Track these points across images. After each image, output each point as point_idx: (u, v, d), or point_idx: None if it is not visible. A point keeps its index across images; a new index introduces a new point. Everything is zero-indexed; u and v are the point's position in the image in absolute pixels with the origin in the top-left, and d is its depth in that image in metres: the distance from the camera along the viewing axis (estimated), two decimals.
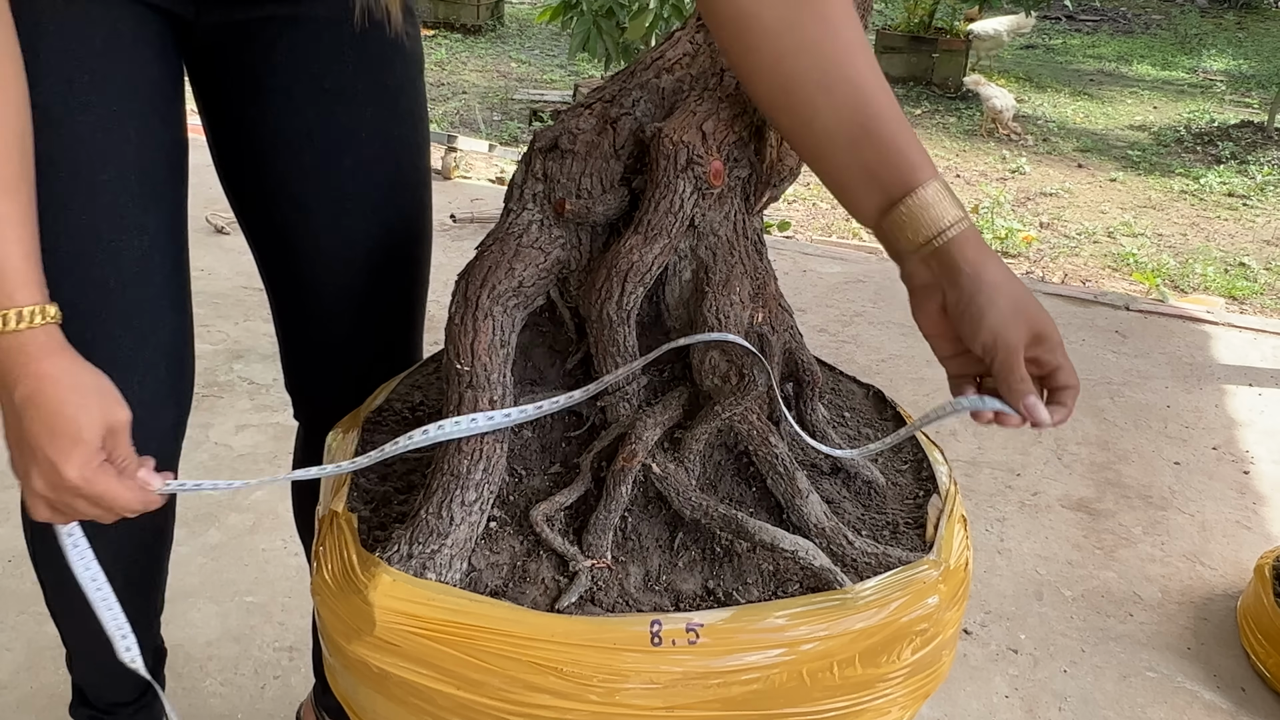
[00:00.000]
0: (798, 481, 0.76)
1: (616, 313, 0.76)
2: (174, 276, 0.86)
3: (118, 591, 1.07)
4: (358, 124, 0.91)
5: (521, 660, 0.64)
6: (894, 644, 0.71)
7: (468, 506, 0.71)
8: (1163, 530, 1.97)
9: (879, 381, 2.44)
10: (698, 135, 0.75)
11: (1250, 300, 3.70)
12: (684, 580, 0.74)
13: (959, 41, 6.63)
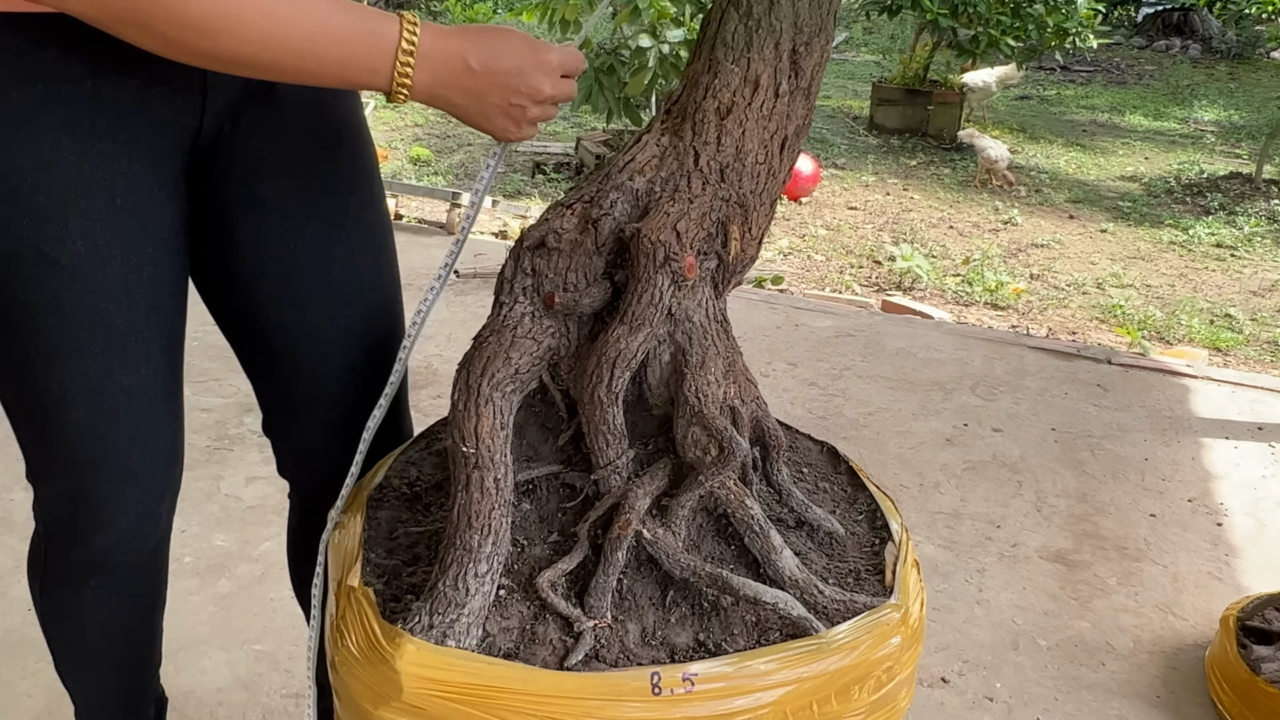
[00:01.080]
0: (772, 539, 0.85)
1: (606, 394, 0.85)
2: (173, 389, 0.96)
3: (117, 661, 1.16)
4: (344, 220, 1.00)
5: (537, 715, 0.73)
6: (862, 681, 0.80)
7: (480, 578, 0.80)
8: (1137, 581, 2.04)
9: (866, 435, 2.53)
10: (672, 234, 0.85)
11: (1234, 351, 3.79)
12: (677, 634, 0.82)
13: (953, 94, 6.79)
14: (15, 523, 1.99)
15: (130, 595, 1.10)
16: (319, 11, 0.75)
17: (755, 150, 0.94)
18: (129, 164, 0.85)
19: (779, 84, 0.93)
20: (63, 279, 0.83)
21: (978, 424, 2.58)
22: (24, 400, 0.91)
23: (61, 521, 0.99)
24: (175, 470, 1.01)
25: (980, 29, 6.08)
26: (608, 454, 0.87)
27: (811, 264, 4.42)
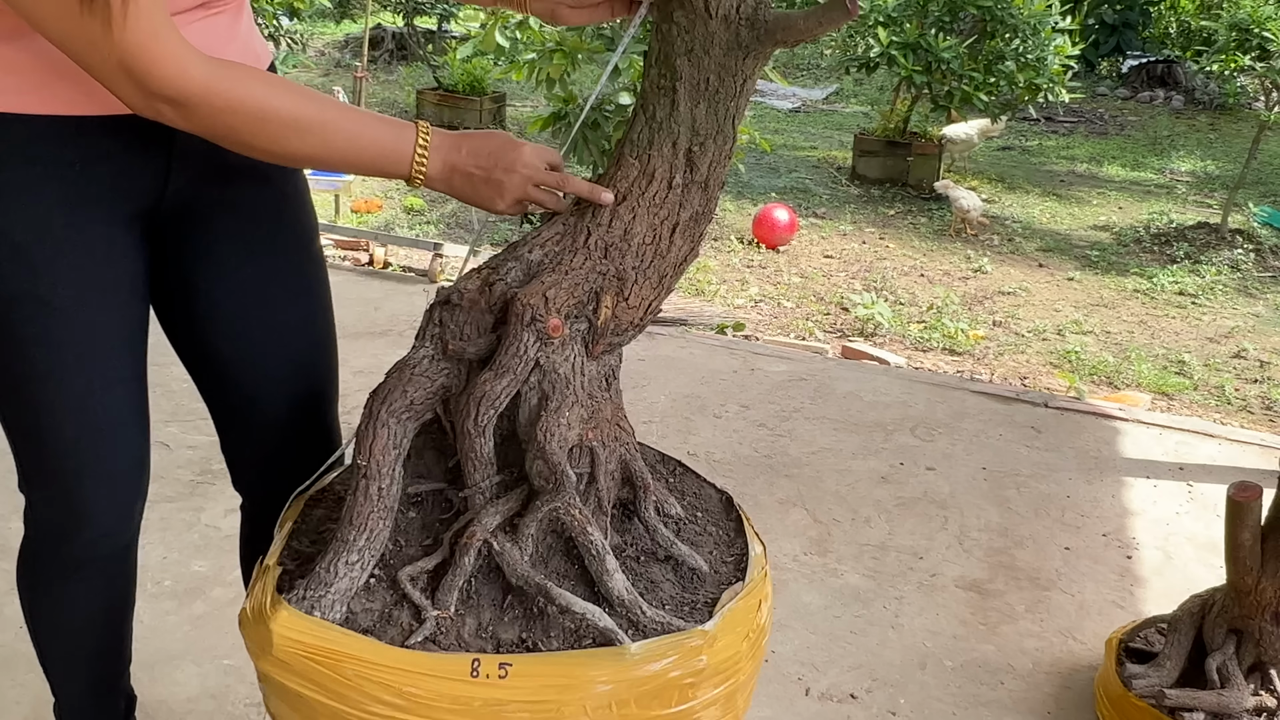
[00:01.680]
0: (606, 563, 1.03)
1: (474, 428, 1.04)
2: (142, 407, 1.18)
3: (95, 650, 1.36)
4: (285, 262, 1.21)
5: (375, 681, 0.92)
6: (661, 694, 0.95)
7: (350, 565, 1.00)
8: (1044, 609, 2.20)
9: (807, 473, 2.71)
10: (541, 299, 1.04)
11: (1180, 396, 3.96)
12: (506, 631, 1.00)
13: (933, 146, 7.02)
14: (11, 549, 2.17)
15: (105, 590, 1.29)
16: (359, 123, 1.00)
17: (643, 233, 1.10)
18: (107, 227, 1.08)
19: (673, 177, 1.09)
20: (54, 317, 1.05)
21: (913, 463, 2.76)
22: (20, 417, 1.12)
23: (50, 522, 1.20)
24: (145, 476, 1.22)
25: (954, 85, 6.31)
26: (475, 477, 1.05)
27: (781, 310, 4.61)
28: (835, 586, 2.23)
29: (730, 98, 1.08)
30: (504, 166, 1.04)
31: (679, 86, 1.07)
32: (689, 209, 1.11)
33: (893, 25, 6.35)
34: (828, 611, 2.15)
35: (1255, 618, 1.73)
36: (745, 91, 1.10)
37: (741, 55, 1.05)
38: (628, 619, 1.01)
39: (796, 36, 1.04)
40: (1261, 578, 1.70)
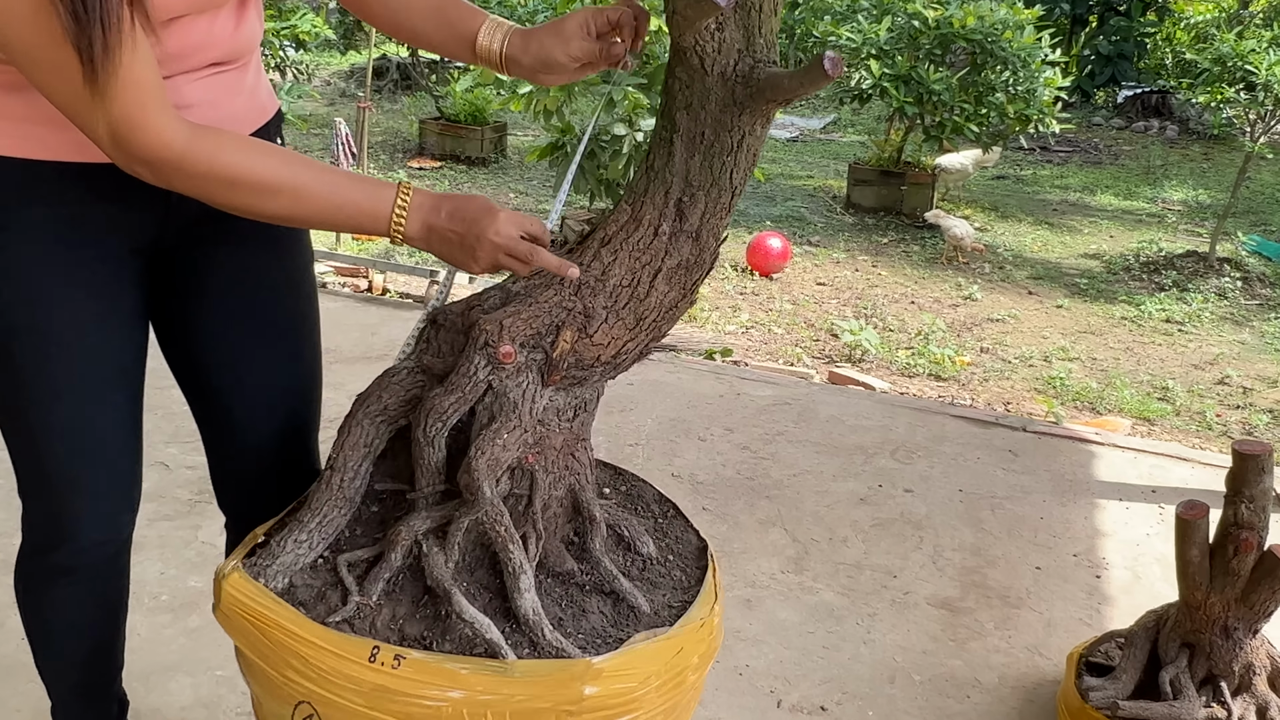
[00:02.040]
0: (521, 581, 1.10)
1: (424, 437, 1.13)
2: (135, 429, 1.27)
3: (85, 652, 1.43)
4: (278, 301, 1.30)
5: (290, 649, 1.03)
6: (540, 713, 1.00)
7: (297, 543, 1.12)
8: (1012, 626, 2.27)
9: (787, 494, 2.79)
10: (497, 326, 1.12)
11: (1161, 421, 4.03)
12: (412, 627, 1.09)
13: (926, 175, 7.13)
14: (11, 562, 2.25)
15: (94, 595, 1.38)
16: (334, 186, 1.06)
17: (620, 275, 1.15)
18: (103, 264, 1.17)
19: (660, 225, 1.15)
20: (52, 345, 1.14)
21: (891, 485, 2.83)
22: (18, 434, 1.21)
23: (43, 529, 1.29)
24: (134, 492, 1.31)
25: (945, 116, 6.43)
26: (421, 483, 1.14)
27: (771, 336, 4.70)
28: (810, 603, 2.30)
29: (726, 152, 1.12)
30: (477, 233, 1.07)
31: (676, 139, 1.13)
32: (676, 257, 1.15)
33: (884, 58, 6.48)
34: (802, 627, 2.22)
35: (1206, 631, 1.80)
36: (744, 148, 1.13)
37: (737, 111, 1.10)
38: (529, 638, 1.07)
39: (784, 95, 1.09)
40: (1210, 593, 1.77)
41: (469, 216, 1.08)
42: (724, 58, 1.08)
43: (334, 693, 1.03)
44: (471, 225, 1.07)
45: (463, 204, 1.09)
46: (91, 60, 0.89)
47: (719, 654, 2.04)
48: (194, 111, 1.10)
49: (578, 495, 1.23)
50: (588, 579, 1.21)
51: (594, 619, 1.16)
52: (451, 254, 1.11)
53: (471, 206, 1.09)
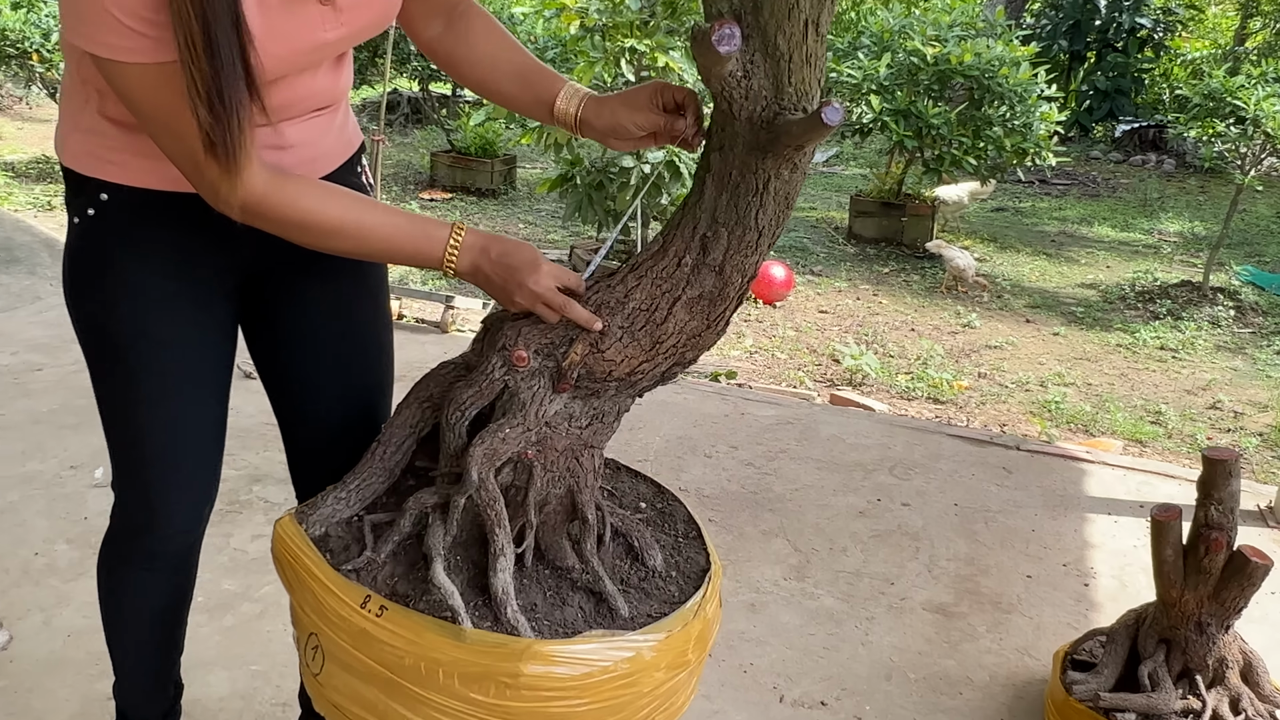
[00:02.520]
0: (499, 562, 1.20)
1: (445, 424, 1.26)
2: (221, 430, 1.43)
3: (157, 635, 1.56)
4: (354, 317, 1.44)
5: (307, 585, 1.19)
6: (484, 681, 1.12)
7: (338, 500, 1.27)
8: (1004, 629, 2.39)
9: (790, 507, 2.92)
10: (515, 332, 1.25)
11: (1153, 444, 4.15)
12: (403, 585, 1.21)
13: (926, 206, 7.30)
14: (58, 568, 2.39)
15: (170, 581, 1.52)
16: (398, 225, 1.20)
17: (640, 299, 1.23)
18: (205, 280, 1.34)
19: (683, 257, 1.22)
20: (158, 351, 1.30)
21: (889, 499, 2.96)
22: (123, 429, 1.36)
23: (132, 517, 1.43)
24: (215, 488, 1.46)
25: (944, 149, 6.60)
26: (442, 463, 1.27)
27: (774, 361, 4.83)
28: (811, 608, 2.42)
29: (752, 193, 1.19)
30: (519, 280, 1.18)
31: (708, 178, 1.21)
32: (697, 288, 1.22)
33: (885, 93, 6.66)
34: (803, 630, 2.34)
35: (1181, 628, 1.92)
36: (771, 190, 1.19)
37: (760, 155, 1.16)
38: (494, 613, 1.19)
39: (794, 141, 1.16)
40: (1185, 590, 1.89)
41: (514, 264, 1.20)
42: (750, 104, 1.15)
43: (333, 630, 1.19)
44: (514, 273, 1.20)
45: (511, 250, 1.20)
46: (216, 144, 1.04)
47: (725, 653, 2.18)
48: (295, 151, 1.25)
49: (575, 496, 1.31)
50: (581, 576, 1.30)
51: (570, 612, 1.25)
52: (494, 292, 1.24)
53: (519, 255, 1.19)
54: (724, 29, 1.10)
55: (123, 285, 1.28)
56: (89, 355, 1.36)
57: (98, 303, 1.30)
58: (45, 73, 7.40)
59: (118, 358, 1.31)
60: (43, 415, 3.15)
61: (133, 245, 1.27)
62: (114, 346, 1.31)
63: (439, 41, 1.36)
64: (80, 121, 1.24)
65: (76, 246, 1.30)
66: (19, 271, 4.41)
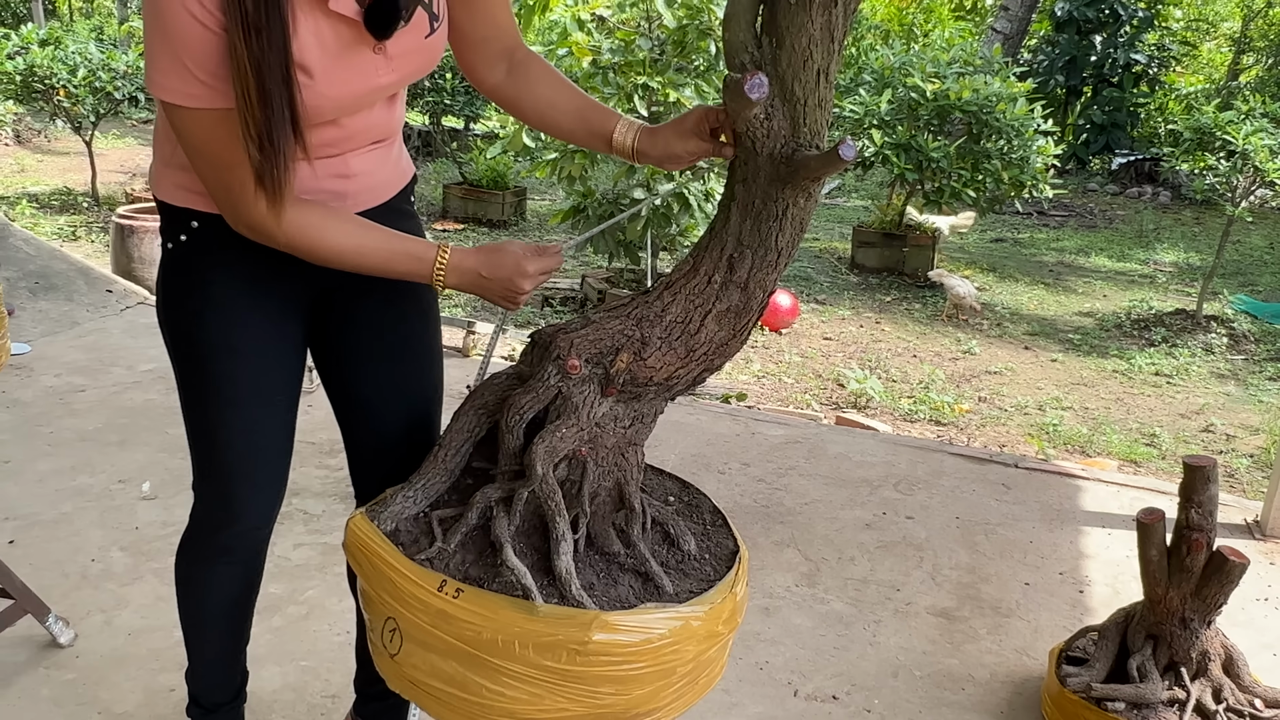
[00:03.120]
0: (561, 546, 1.36)
1: (505, 426, 1.42)
2: (290, 435, 1.58)
3: (229, 624, 1.71)
4: (410, 333, 1.60)
5: (384, 574, 1.34)
6: (556, 649, 1.27)
7: (406, 498, 1.42)
8: (1003, 632, 2.54)
9: (800, 520, 3.07)
10: (568, 343, 1.42)
11: (1147, 464, 4.31)
12: (475, 570, 1.36)
13: (926, 237, 7.49)
14: (115, 573, 2.54)
15: (243, 575, 1.67)
16: (386, 247, 1.37)
17: (676, 313, 1.40)
18: (280, 298, 1.50)
19: (713, 275, 1.39)
20: (238, 360, 1.46)
21: (894, 513, 3.11)
22: (204, 432, 1.51)
23: (211, 515, 1.58)
24: (284, 488, 1.61)
25: (943, 182, 6.80)
26: (503, 463, 1.43)
27: (781, 385, 5.00)
28: (822, 612, 2.57)
29: (772, 219, 1.36)
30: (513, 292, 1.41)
31: (733, 206, 1.38)
32: (725, 302, 1.39)
33: (886, 127, 6.87)
34: (814, 631, 2.49)
35: (1166, 623, 2.07)
36: (789, 217, 1.37)
37: (780, 186, 1.34)
38: (559, 591, 1.33)
39: (811, 175, 1.33)
40: (1169, 588, 2.05)
41: (502, 277, 1.40)
42: (771, 141, 1.33)
43: (411, 612, 1.33)
44: (507, 285, 1.41)
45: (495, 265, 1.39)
46: (264, 178, 1.22)
47: (741, 651, 2.33)
48: (358, 179, 1.43)
49: (623, 488, 1.47)
50: (628, 560, 1.46)
51: (622, 590, 1.40)
52: (495, 302, 1.45)
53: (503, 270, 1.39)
54: (754, 79, 1.28)
55: (209, 299, 1.45)
56: (177, 364, 1.52)
57: (187, 315, 1.47)
58: (72, 108, 7.62)
59: (203, 365, 1.47)
60: (89, 433, 3.32)
61: (219, 265, 1.44)
62: (200, 355, 1.47)
63: (501, 87, 1.52)
64: (173, 160, 1.41)
65: (169, 268, 1.48)
66: (57, 298, 4.59)
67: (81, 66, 7.49)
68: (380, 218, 1.45)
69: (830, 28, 1.35)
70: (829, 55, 1.37)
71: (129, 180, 8.87)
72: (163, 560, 2.60)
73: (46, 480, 3.00)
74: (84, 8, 19.46)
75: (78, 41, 8.02)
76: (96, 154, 8.30)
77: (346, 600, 2.37)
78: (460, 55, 1.51)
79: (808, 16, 1.33)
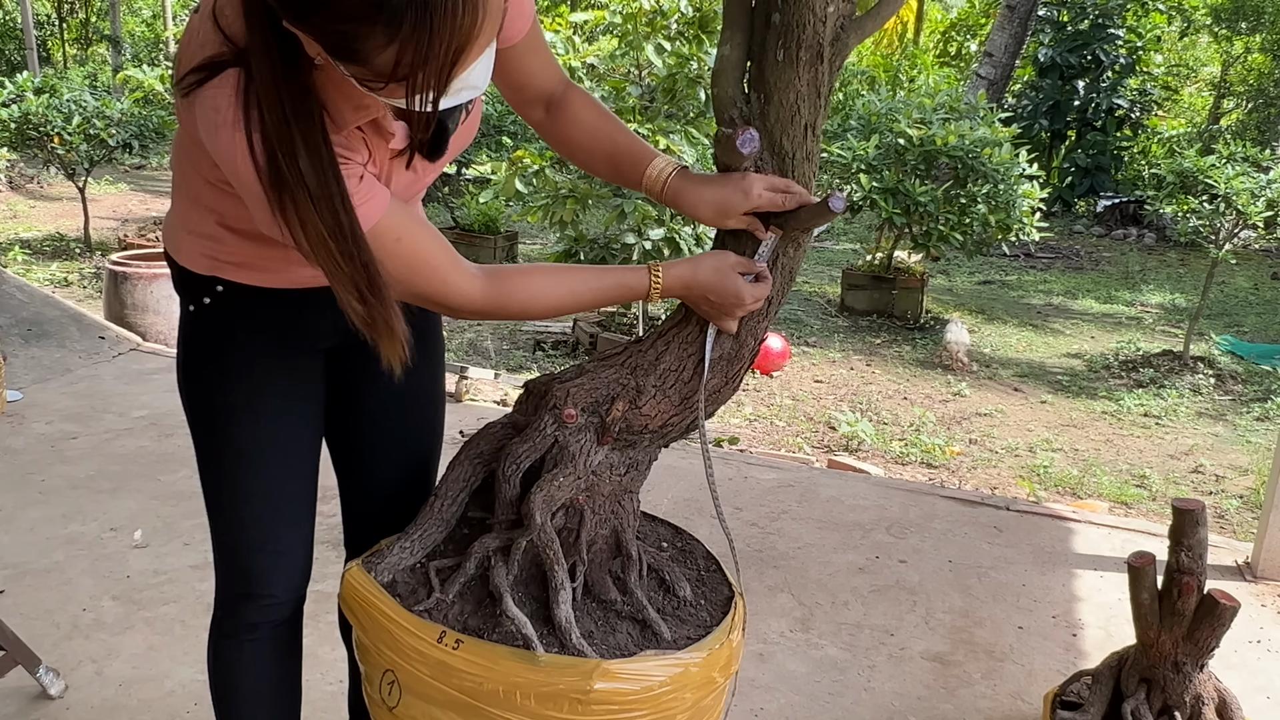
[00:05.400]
0: (560, 595, 1.37)
1: (502, 476, 1.43)
2: (312, 500, 1.53)
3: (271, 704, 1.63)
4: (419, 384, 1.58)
5: (382, 626, 1.33)
6: (558, 700, 1.27)
7: (403, 549, 1.42)
8: (998, 676, 2.54)
9: (793, 564, 3.07)
10: (564, 392, 1.43)
11: (1138, 505, 4.33)
12: (474, 620, 1.36)
13: (915, 280, 7.56)
14: (105, 623, 2.52)
15: (275, 652, 1.59)
16: (598, 286, 1.36)
17: (670, 361, 1.42)
18: (303, 358, 1.47)
19: (704, 324, 1.41)
20: (259, 421, 1.43)
21: (887, 556, 3.12)
22: (220, 495, 1.47)
23: (231, 587, 1.52)
24: (310, 556, 1.55)
25: (930, 225, 6.88)
26: (499, 513, 1.44)
27: (773, 428, 5.02)
28: (816, 657, 2.57)
29: None
30: (729, 313, 1.38)
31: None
32: (718, 350, 1.42)
33: (873, 172, 6.96)
34: (809, 677, 2.48)
35: (1159, 667, 2.07)
36: (779, 267, 1.41)
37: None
38: (559, 640, 1.34)
39: (800, 225, 1.37)
40: (1161, 632, 2.06)
41: (719, 300, 1.37)
42: None
43: (410, 664, 1.33)
44: (722, 309, 1.38)
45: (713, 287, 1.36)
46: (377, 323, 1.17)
47: (736, 699, 2.31)
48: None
49: (620, 535, 1.48)
50: (625, 608, 1.46)
51: (620, 637, 1.41)
52: (701, 310, 1.40)
53: (723, 292, 1.36)
54: (746, 134, 1.32)
55: (232, 362, 1.42)
56: (196, 426, 1.47)
57: (210, 376, 1.43)
58: (65, 154, 7.67)
59: (225, 428, 1.43)
60: (80, 480, 3.31)
61: (243, 328, 1.40)
62: (222, 417, 1.43)
63: (542, 126, 1.50)
64: (197, 228, 1.35)
65: (191, 330, 1.44)
66: (49, 345, 4.59)
67: (76, 114, 7.55)
68: None
69: (816, 83, 1.39)
70: (815, 110, 1.41)
71: (121, 226, 8.90)
72: (154, 609, 2.59)
73: (37, 528, 2.99)
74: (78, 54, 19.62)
75: (72, 89, 8.09)
76: (90, 200, 8.34)
77: (339, 649, 2.36)
78: (507, 98, 1.50)
79: (795, 73, 1.36)
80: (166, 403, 3.97)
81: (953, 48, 18.87)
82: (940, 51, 18.69)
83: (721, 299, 1.36)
